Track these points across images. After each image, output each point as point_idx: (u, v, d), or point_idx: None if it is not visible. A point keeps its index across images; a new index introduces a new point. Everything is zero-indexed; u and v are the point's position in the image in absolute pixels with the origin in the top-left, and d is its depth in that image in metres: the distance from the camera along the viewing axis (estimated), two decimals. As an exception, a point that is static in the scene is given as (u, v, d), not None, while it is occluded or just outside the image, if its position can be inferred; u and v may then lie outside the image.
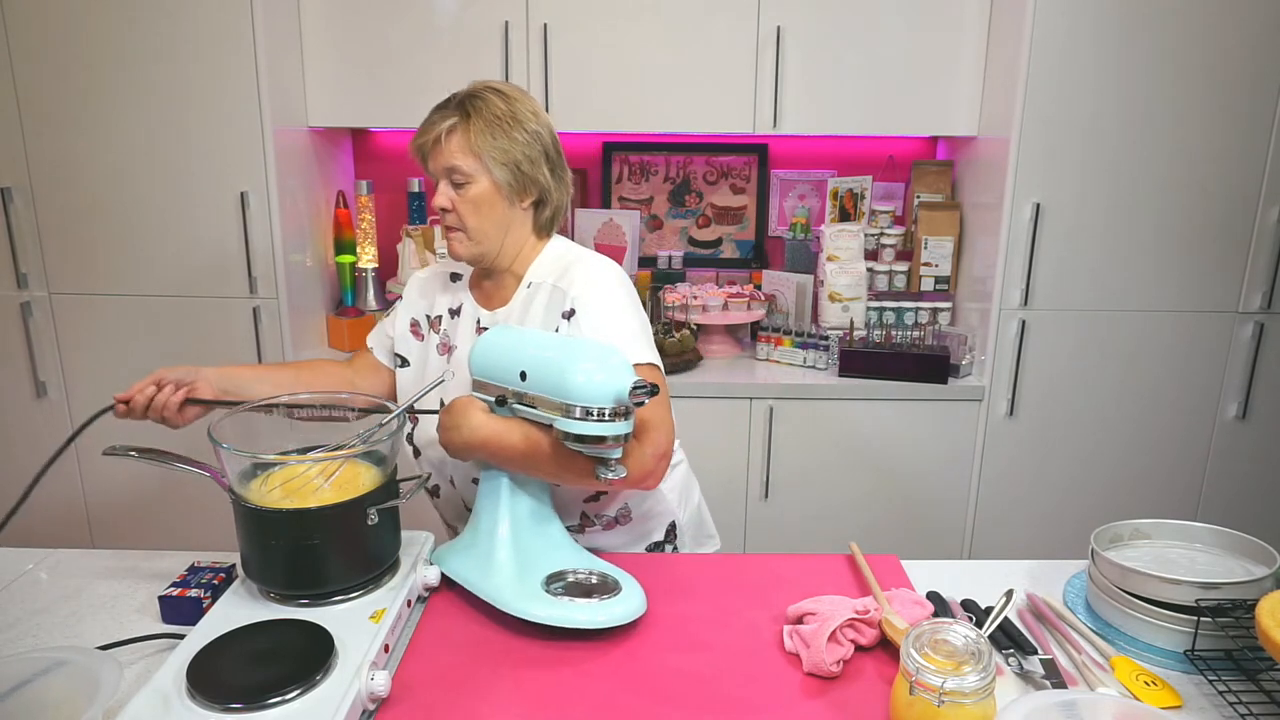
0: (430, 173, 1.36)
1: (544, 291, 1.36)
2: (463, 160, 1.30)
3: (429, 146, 1.33)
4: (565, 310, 1.32)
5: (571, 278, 1.34)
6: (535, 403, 1.18)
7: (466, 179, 1.31)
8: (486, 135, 1.30)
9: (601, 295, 1.33)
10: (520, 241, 1.39)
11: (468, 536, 1.28)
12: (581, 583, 1.19)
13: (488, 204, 1.33)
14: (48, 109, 2.21)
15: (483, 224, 1.33)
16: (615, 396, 1.11)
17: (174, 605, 1.18)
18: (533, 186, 1.35)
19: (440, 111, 1.34)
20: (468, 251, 1.36)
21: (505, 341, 1.25)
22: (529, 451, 1.21)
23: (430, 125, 1.33)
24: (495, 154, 1.31)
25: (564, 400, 1.13)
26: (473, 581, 1.21)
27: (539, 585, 1.17)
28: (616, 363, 1.14)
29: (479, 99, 1.33)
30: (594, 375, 1.12)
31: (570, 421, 1.13)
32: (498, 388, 1.24)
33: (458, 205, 1.32)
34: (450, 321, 1.45)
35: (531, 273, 1.39)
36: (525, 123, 1.33)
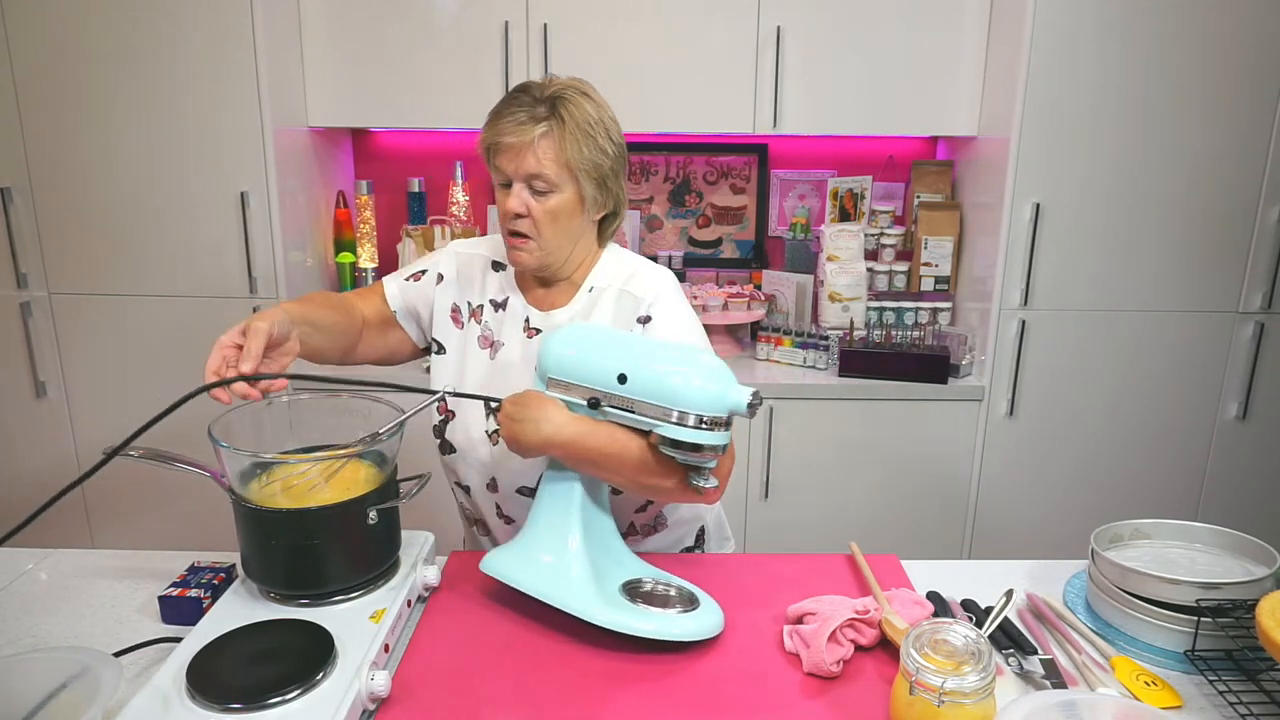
0: (500, 171, 1.25)
1: (611, 295, 1.32)
2: (552, 169, 1.22)
3: (513, 148, 1.22)
4: (641, 315, 1.30)
5: (642, 283, 1.31)
6: (634, 407, 1.13)
7: (550, 188, 1.23)
8: (580, 146, 1.22)
9: (674, 304, 1.32)
10: (584, 251, 1.34)
11: (528, 544, 1.20)
12: (658, 593, 1.17)
13: (567, 215, 1.26)
14: (48, 109, 2.21)
15: (558, 235, 1.27)
16: (730, 406, 1.09)
17: (174, 605, 1.18)
18: (611, 199, 1.30)
19: (525, 109, 1.23)
20: (535, 262, 1.28)
21: (595, 341, 1.18)
22: (615, 455, 1.15)
23: (518, 126, 1.22)
24: (587, 167, 1.24)
25: (675, 407, 1.09)
26: (547, 592, 1.15)
27: (620, 595, 1.14)
28: (727, 374, 1.11)
29: (569, 102, 1.23)
30: (709, 384, 1.09)
31: (679, 429, 1.09)
32: (586, 389, 1.16)
33: (535, 213, 1.24)
34: (494, 315, 1.38)
35: (593, 278, 1.34)
36: (612, 132, 1.27)
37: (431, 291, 1.41)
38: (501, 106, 1.25)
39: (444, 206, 2.71)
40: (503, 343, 1.36)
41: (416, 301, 1.41)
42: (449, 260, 1.41)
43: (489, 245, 1.42)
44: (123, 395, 2.38)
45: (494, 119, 1.25)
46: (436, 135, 2.73)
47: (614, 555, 1.22)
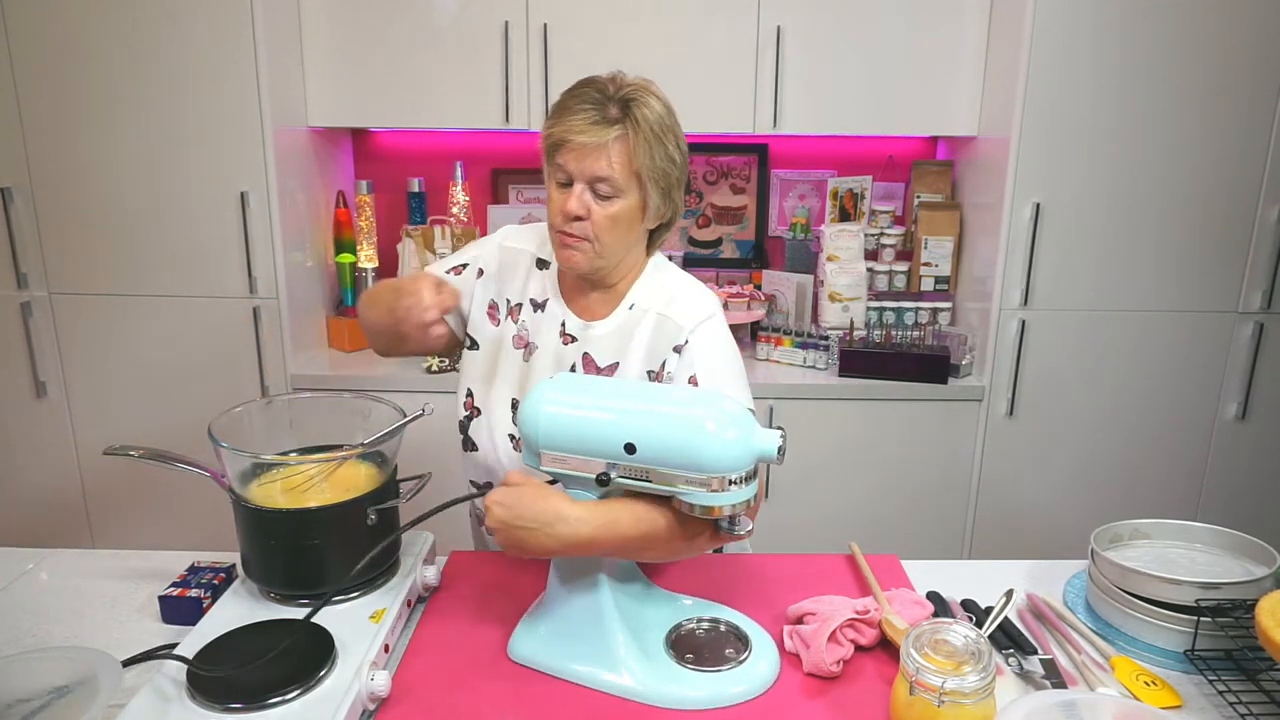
0: (561, 169, 1.19)
1: (650, 318, 1.26)
2: (621, 175, 1.17)
3: (583, 148, 1.16)
4: (678, 343, 1.23)
5: (682, 308, 1.26)
6: (650, 475, 1.01)
7: (615, 193, 1.18)
8: (650, 153, 1.17)
9: (713, 332, 1.26)
10: (634, 259, 1.29)
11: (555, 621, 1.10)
12: (704, 639, 1.10)
13: (626, 222, 1.21)
14: (48, 109, 2.21)
15: (615, 241, 1.22)
16: (758, 455, 0.99)
17: (174, 605, 1.18)
18: (670, 209, 1.25)
19: (596, 108, 1.17)
20: (588, 265, 1.23)
21: (588, 402, 1.04)
22: (645, 535, 1.04)
23: (590, 125, 1.16)
24: (656, 175, 1.19)
25: (699, 472, 0.97)
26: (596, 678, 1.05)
27: (667, 657, 1.06)
28: (748, 420, 1.00)
29: (643, 104, 1.18)
30: (732, 438, 0.97)
31: (706, 494, 0.98)
32: (589, 462, 1.03)
33: (595, 217, 1.19)
34: (531, 315, 1.33)
35: (634, 293, 1.29)
36: (680, 139, 1.22)
37: (472, 285, 1.36)
38: (570, 102, 1.19)
39: (444, 206, 2.71)
40: (537, 345, 1.32)
41: (464, 305, 1.37)
42: (491, 253, 1.36)
43: (536, 239, 1.36)
44: (123, 395, 2.38)
45: (562, 114, 1.18)
46: (436, 135, 2.73)
47: (644, 601, 1.15)
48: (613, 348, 1.29)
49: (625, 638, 1.06)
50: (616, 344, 1.28)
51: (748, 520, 1.05)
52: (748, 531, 1.05)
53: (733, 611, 1.17)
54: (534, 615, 1.14)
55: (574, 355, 1.31)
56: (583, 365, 1.30)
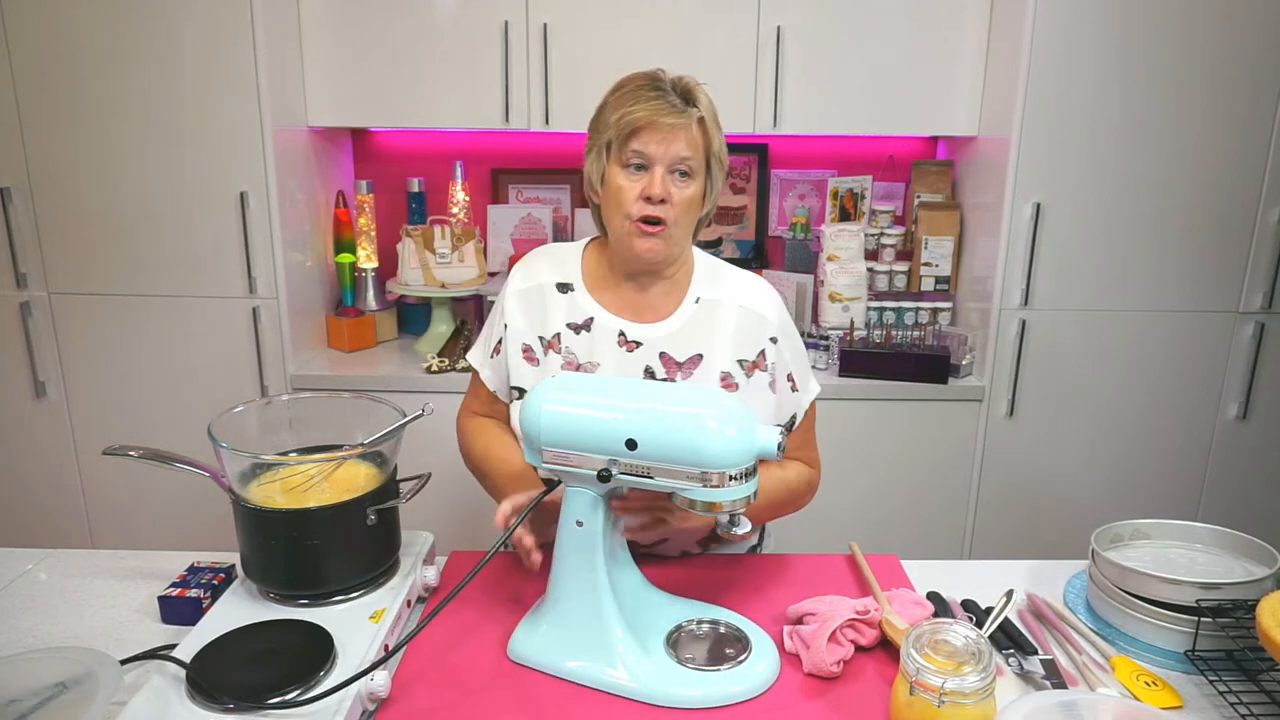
0: (640, 153, 1.19)
1: (729, 311, 1.29)
2: (698, 157, 1.21)
3: (669, 130, 1.18)
4: (771, 335, 1.30)
5: (758, 298, 1.31)
6: (651, 472, 1.02)
7: (692, 174, 1.21)
8: (719, 137, 1.23)
9: (790, 321, 1.35)
10: (689, 248, 1.33)
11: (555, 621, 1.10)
12: (704, 638, 1.11)
13: (696, 206, 1.24)
14: (48, 109, 2.21)
15: (686, 226, 1.24)
16: (759, 452, 1.00)
17: (174, 605, 1.18)
18: (714, 198, 1.29)
19: (665, 96, 1.19)
20: (667, 252, 1.24)
21: (588, 399, 1.06)
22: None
23: (670, 108, 1.17)
24: (723, 158, 1.24)
25: (699, 466, 0.98)
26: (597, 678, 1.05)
27: (667, 656, 1.06)
28: (748, 416, 1.01)
29: (700, 94, 1.22)
30: (733, 434, 0.98)
31: (706, 490, 0.99)
32: (591, 459, 1.04)
33: (676, 200, 1.20)
34: (576, 338, 1.30)
35: (696, 287, 1.31)
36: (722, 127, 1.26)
37: (508, 355, 1.34)
38: (634, 92, 1.20)
39: (444, 206, 2.71)
40: (596, 363, 1.29)
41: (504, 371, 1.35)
42: (511, 308, 1.34)
43: (547, 269, 1.34)
44: (123, 395, 2.38)
45: (634, 99, 1.19)
46: (436, 135, 2.73)
47: (644, 602, 1.15)
48: (693, 340, 1.29)
49: (624, 634, 1.06)
50: (695, 336, 1.29)
51: (747, 521, 1.05)
52: (747, 532, 1.05)
53: (732, 613, 1.17)
54: (534, 615, 1.14)
55: (644, 359, 1.29)
56: (661, 364, 1.29)
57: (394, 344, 2.64)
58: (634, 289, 1.31)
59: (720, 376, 1.29)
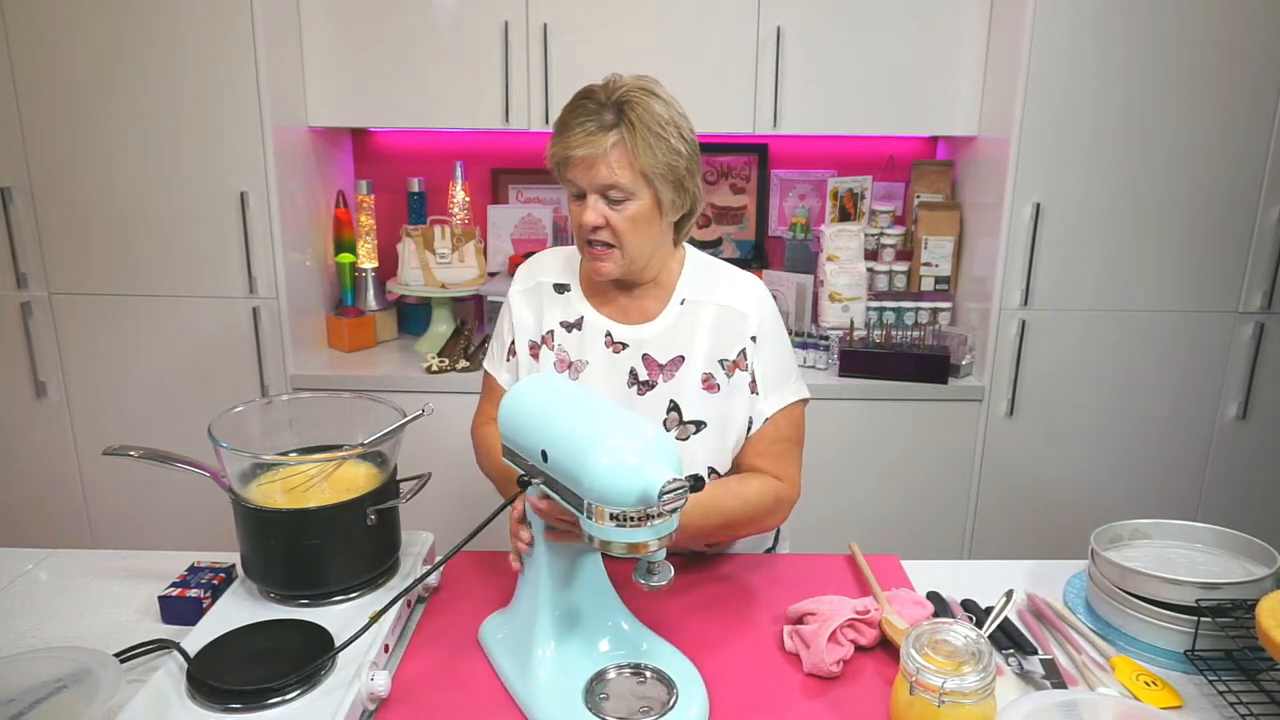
0: (573, 184, 1.22)
1: (709, 310, 1.29)
2: (627, 178, 1.18)
3: (585, 161, 1.18)
4: (753, 333, 1.29)
5: (742, 297, 1.30)
6: (559, 490, 0.98)
7: (627, 196, 1.20)
8: (653, 150, 1.18)
9: (776, 322, 1.33)
10: (665, 253, 1.31)
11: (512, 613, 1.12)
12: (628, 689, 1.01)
13: (646, 221, 1.22)
14: (48, 109, 2.21)
15: (639, 242, 1.23)
16: (640, 495, 0.89)
17: (174, 605, 1.18)
18: (688, 199, 1.27)
19: (592, 118, 1.18)
20: (619, 271, 1.25)
21: (536, 403, 1.04)
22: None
23: (587, 137, 1.17)
24: (662, 170, 1.20)
25: (585, 496, 0.92)
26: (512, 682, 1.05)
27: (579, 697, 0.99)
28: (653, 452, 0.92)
29: (637, 104, 1.18)
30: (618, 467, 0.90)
31: (590, 524, 0.92)
32: (524, 460, 1.05)
33: (614, 223, 1.21)
34: (567, 335, 1.33)
35: (683, 288, 1.31)
36: (684, 130, 1.23)
37: (520, 355, 1.37)
38: (568, 117, 1.21)
39: (444, 206, 2.71)
40: (586, 361, 1.32)
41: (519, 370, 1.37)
42: (517, 309, 1.37)
43: (548, 270, 1.37)
44: (123, 395, 2.38)
45: (561, 131, 1.21)
46: (436, 135, 2.73)
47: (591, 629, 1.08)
48: (673, 341, 1.30)
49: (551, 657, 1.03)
50: (676, 339, 1.30)
51: (669, 569, 0.97)
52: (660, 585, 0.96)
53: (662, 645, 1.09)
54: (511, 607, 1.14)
55: (629, 361, 1.31)
56: (644, 367, 1.30)
57: (394, 344, 2.64)
58: (623, 293, 1.33)
59: (701, 378, 1.29)
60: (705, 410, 1.28)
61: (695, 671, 1.05)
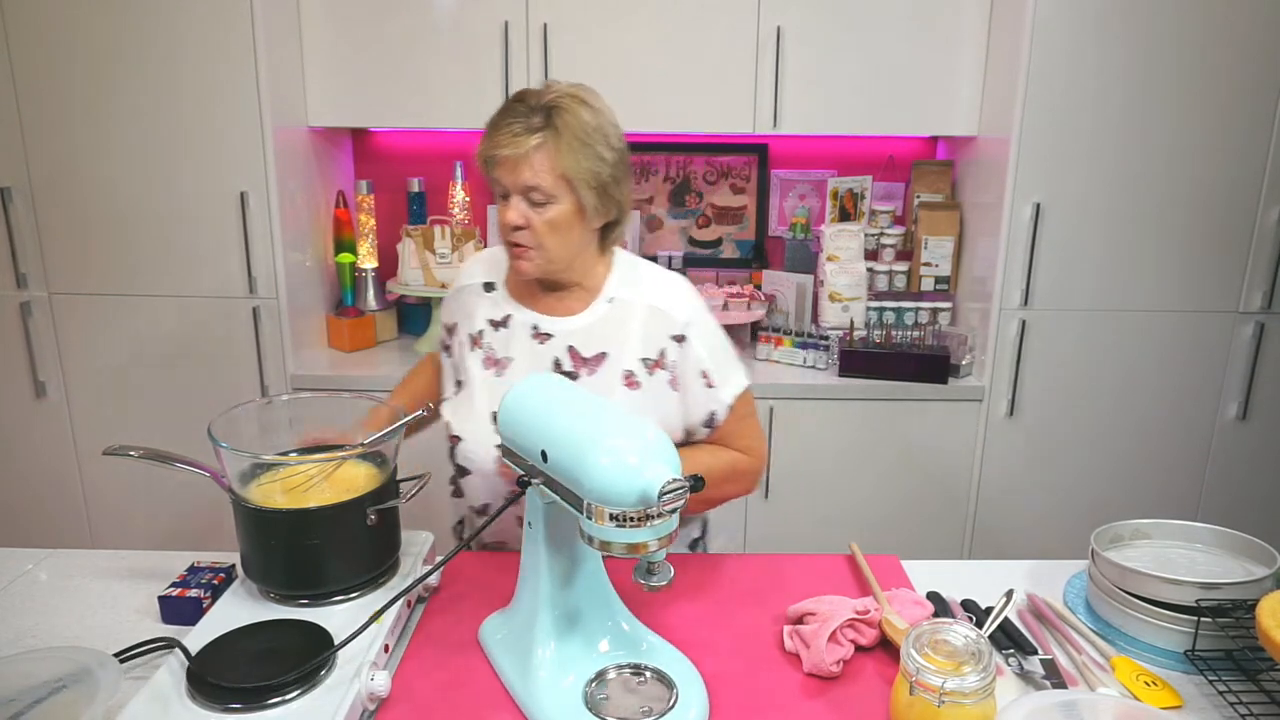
0: (498, 183, 1.24)
1: (640, 310, 1.31)
2: (548, 181, 1.21)
3: (509, 161, 1.21)
4: (675, 334, 1.30)
5: (671, 299, 1.32)
6: (558, 490, 0.98)
7: (548, 199, 1.22)
8: (576, 156, 1.21)
9: (705, 319, 1.35)
10: (590, 257, 1.33)
11: (512, 613, 1.11)
12: (629, 687, 1.01)
13: (566, 225, 1.24)
14: (48, 109, 2.21)
15: (559, 245, 1.25)
16: (640, 495, 0.89)
17: (174, 605, 1.18)
18: (613, 207, 1.29)
19: (520, 120, 1.21)
20: (538, 270, 1.28)
21: (536, 404, 1.04)
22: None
23: (512, 138, 1.20)
24: (585, 177, 1.22)
25: (585, 497, 0.92)
26: (511, 682, 1.05)
27: (579, 697, 0.99)
28: (652, 452, 0.92)
29: (565, 111, 1.21)
30: (619, 467, 0.90)
31: (590, 524, 0.92)
32: (524, 461, 1.05)
33: (534, 225, 1.23)
34: (495, 334, 1.36)
35: (611, 288, 1.33)
36: (611, 138, 1.25)
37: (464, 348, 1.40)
38: (498, 117, 1.24)
39: (444, 206, 2.71)
40: (511, 358, 1.34)
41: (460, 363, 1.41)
42: (453, 306, 1.43)
43: (482, 269, 1.42)
44: (123, 395, 2.38)
45: (491, 131, 1.23)
46: (436, 135, 2.73)
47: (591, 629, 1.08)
48: (599, 337, 1.32)
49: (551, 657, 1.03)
50: (603, 334, 1.32)
51: (669, 570, 0.97)
52: (660, 586, 0.96)
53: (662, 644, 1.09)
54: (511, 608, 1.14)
55: (554, 351, 1.33)
56: (569, 358, 1.32)
57: (394, 344, 2.64)
58: (548, 293, 1.36)
59: (624, 375, 1.31)
60: (625, 406, 1.30)
61: (695, 671, 1.05)
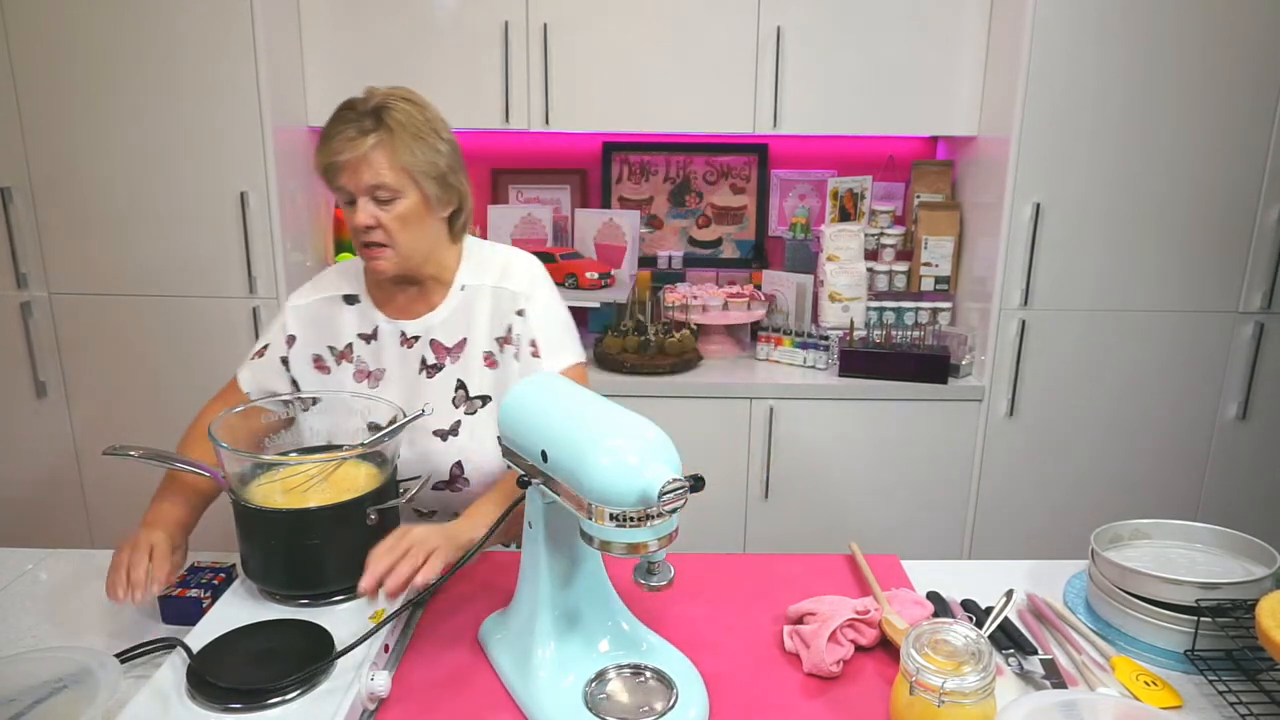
0: (343, 190, 1.27)
1: (486, 294, 1.37)
2: (391, 177, 1.24)
3: (349, 165, 1.24)
4: (518, 309, 1.36)
5: (512, 276, 1.38)
6: (558, 490, 0.98)
7: (394, 195, 1.26)
8: (412, 149, 1.25)
9: (545, 292, 1.39)
10: (442, 249, 1.37)
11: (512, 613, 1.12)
12: (629, 687, 1.01)
13: (416, 218, 1.29)
14: (48, 109, 2.21)
15: (412, 239, 1.29)
16: (640, 495, 0.89)
17: (174, 605, 1.18)
18: (455, 195, 1.34)
19: (352, 125, 1.24)
20: (396, 268, 1.31)
21: (538, 403, 1.04)
22: None
23: (349, 142, 1.23)
24: (424, 168, 1.27)
25: (585, 497, 0.91)
26: (512, 682, 1.05)
27: (579, 697, 1.00)
28: (653, 452, 0.91)
29: (393, 109, 1.26)
30: (619, 467, 0.90)
31: (591, 524, 0.92)
32: (524, 461, 1.05)
33: (385, 222, 1.26)
34: (366, 347, 1.39)
35: (462, 276, 1.39)
36: (441, 131, 1.31)
37: (282, 356, 1.41)
38: (329, 128, 1.26)
39: (444, 206, 2.71)
40: (384, 368, 1.39)
41: (270, 377, 1.41)
42: (292, 319, 1.42)
43: (332, 283, 1.43)
44: (123, 395, 2.38)
45: (324, 141, 1.26)
46: (436, 135, 2.72)
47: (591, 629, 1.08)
48: (456, 326, 1.38)
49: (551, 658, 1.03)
50: (459, 322, 1.37)
51: (669, 570, 0.96)
52: (660, 586, 0.95)
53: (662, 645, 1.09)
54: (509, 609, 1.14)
55: (420, 350, 1.38)
56: (432, 352, 1.37)
57: (394, 344, 2.64)
58: (405, 290, 1.39)
59: (483, 357, 1.37)
60: (488, 385, 1.37)
61: (695, 671, 1.05)
